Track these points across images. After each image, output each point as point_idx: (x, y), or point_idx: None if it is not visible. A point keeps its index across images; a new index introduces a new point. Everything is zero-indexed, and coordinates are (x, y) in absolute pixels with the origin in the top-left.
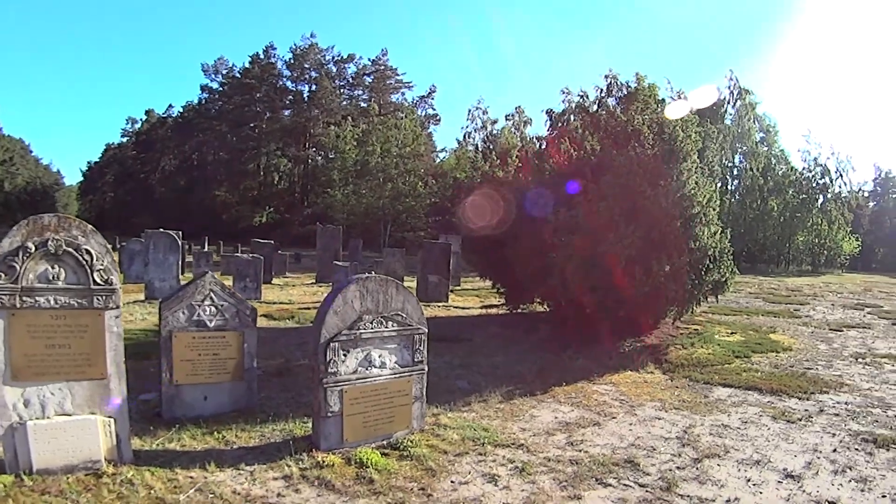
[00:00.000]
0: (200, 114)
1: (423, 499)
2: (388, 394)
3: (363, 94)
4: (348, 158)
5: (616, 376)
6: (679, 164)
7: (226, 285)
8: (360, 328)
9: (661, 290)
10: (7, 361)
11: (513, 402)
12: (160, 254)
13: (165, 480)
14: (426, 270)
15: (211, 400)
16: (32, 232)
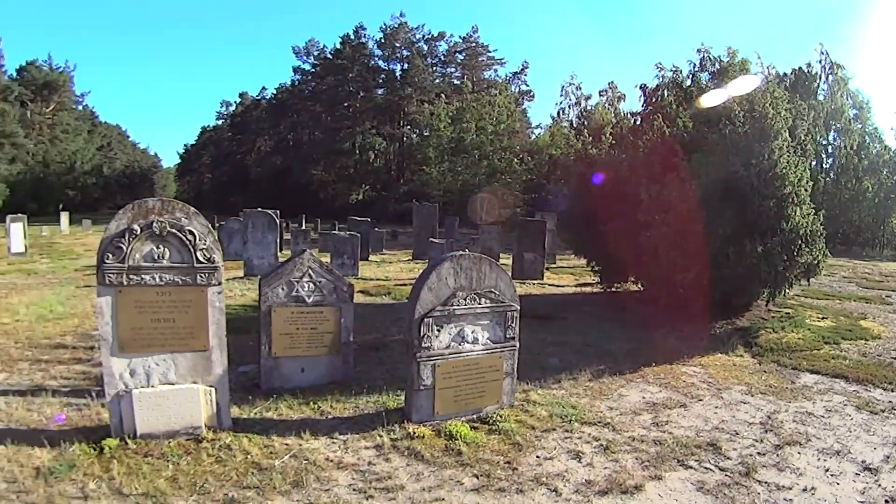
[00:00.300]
0: (294, 95)
1: (509, 472)
2: (480, 369)
3: (455, 71)
4: (443, 136)
5: (705, 358)
6: (770, 143)
7: (323, 262)
8: (453, 304)
9: (753, 271)
10: (115, 335)
11: (602, 380)
12: (258, 232)
13: (262, 446)
14: (522, 248)
15: (308, 372)
16: (138, 215)
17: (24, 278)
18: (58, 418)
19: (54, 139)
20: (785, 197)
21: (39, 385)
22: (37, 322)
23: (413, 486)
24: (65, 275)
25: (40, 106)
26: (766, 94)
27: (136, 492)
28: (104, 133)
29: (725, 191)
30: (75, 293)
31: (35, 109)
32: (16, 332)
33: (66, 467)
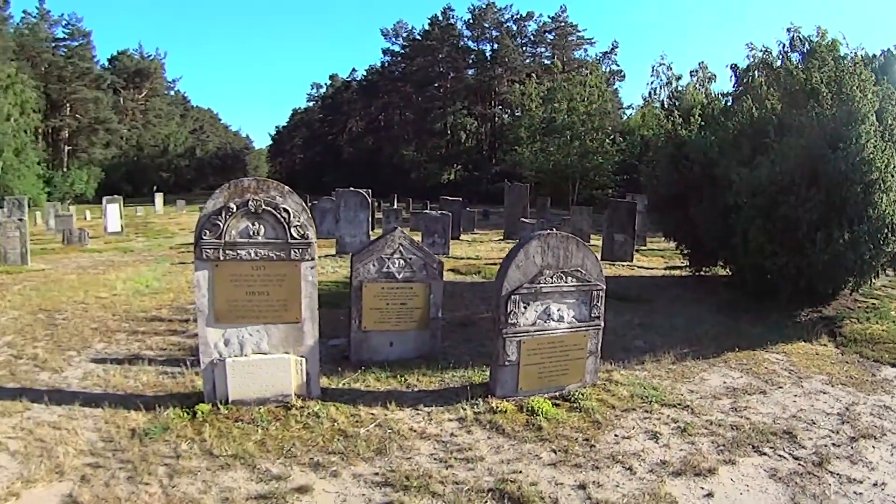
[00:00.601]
0: (384, 76)
1: (586, 448)
2: (564, 347)
3: (545, 51)
4: (535, 116)
5: (789, 346)
6: (857, 126)
7: (414, 240)
8: (540, 282)
9: (838, 258)
10: (211, 306)
11: (685, 363)
12: (351, 211)
13: (348, 415)
14: (612, 229)
15: (396, 346)
16: (234, 194)
17: (121, 256)
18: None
19: (147, 124)
20: (872, 183)
21: (136, 354)
22: (133, 296)
23: (492, 458)
24: (160, 252)
25: (133, 93)
26: (854, 77)
27: (226, 453)
28: (196, 117)
29: (813, 175)
30: (170, 269)
31: (128, 96)
32: (113, 305)
33: (161, 429)
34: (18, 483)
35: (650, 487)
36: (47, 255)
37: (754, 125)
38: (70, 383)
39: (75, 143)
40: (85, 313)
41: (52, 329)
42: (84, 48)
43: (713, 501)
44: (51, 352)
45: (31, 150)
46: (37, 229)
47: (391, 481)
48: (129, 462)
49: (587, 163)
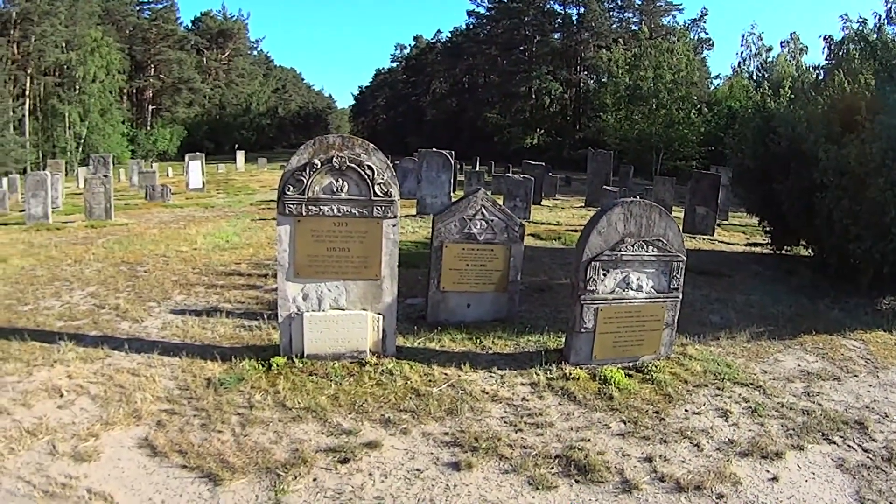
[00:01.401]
0: (469, 38)
1: (656, 421)
2: (641, 317)
3: (633, 16)
4: (620, 83)
5: (868, 334)
6: None
7: (496, 202)
8: (621, 250)
9: None
10: (291, 261)
11: (760, 342)
12: (433, 172)
13: (422, 374)
14: (694, 202)
15: (473, 308)
16: (318, 150)
17: (202, 211)
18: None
19: (230, 83)
20: None
21: (214, 307)
22: (213, 251)
23: (562, 425)
24: (240, 208)
25: (216, 53)
26: None
27: (299, 406)
28: (279, 76)
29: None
30: (250, 226)
31: (211, 56)
32: (194, 259)
33: (235, 380)
34: (98, 425)
35: (716, 466)
36: (130, 211)
37: (846, 100)
38: (149, 333)
39: (159, 103)
40: (166, 266)
41: (134, 281)
42: (168, 10)
43: (777, 486)
44: (132, 302)
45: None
46: (121, 185)
47: (460, 441)
48: (203, 410)
49: (672, 133)
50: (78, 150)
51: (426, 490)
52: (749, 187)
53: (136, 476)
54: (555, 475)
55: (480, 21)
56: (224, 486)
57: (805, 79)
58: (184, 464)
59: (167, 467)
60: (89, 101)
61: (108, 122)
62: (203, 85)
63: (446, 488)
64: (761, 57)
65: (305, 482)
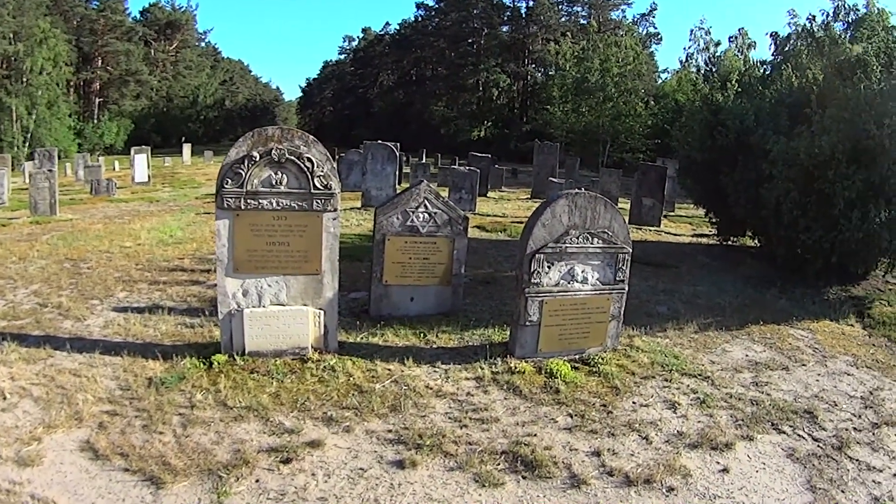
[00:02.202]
0: (417, 31)
1: (603, 415)
2: (587, 309)
3: (582, 10)
4: (567, 76)
5: (815, 323)
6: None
7: (440, 194)
8: (565, 242)
9: (873, 238)
10: (230, 256)
11: (708, 333)
12: (378, 164)
13: (364, 370)
14: (640, 193)
15: (417, 301)
16: (257, 142)
17: (147, 206)
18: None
19: (177, 75)
20: None
21: (157, 304)
22: (157, 246)
23: (507, 420)
24: (185, 202)
25: (164, 44)
26: None
27: (240, 405)
28: (226, 68)
29: (854, 151)
30: (195, 220)
31: (159, 48)
32: (137, 255)
33: (177, 379)
34: (41, 428)
35: (665, 458)
36: (75, 206)
37: (793, 94)
38: (92, 331)
39: (106, 95)
40: (109, 262)
41: (77, 278)
42: (116, 1)
43: (728, 477)
44: (75, 300)
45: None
46: (66, 180)
47: (404, 439)
48: (145, 411)
49: (619, 125)
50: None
51: (370, 489)
52: (696, 179)
53: (79, 480)
54: (501, 471)
55: (429, 13)
56: (166, 489)
57: (752, 73)
58: (126, 467)
59: (109, 471)
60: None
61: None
62: (151, 77)
63: (391, 487)
64: (709, 51)
65: (248, 483)
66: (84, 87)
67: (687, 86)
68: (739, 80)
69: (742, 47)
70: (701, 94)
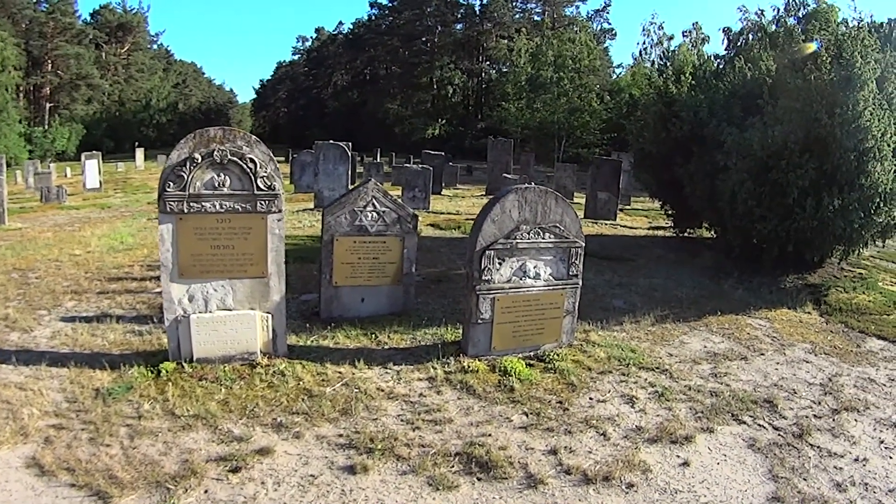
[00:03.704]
0: (371, 29)
1: (559, 412)
2: (540, 305)
3: (536, 7)
4: (522, 72)
5: (772, 312)
6: (856, 92)
7: (388, 193)
8: (516, 238)
9: (827, 225)
10: (175, 261)
11: (665, 325)
12: (330, 164)
13: (315, 374)
14: (595, 187)
15: (368, 302)
16: (199, 144)
17: (99, 212)
18: None
19: (129, 79)
20: (866, 151)
21: (105, 312)
22: (107, 253)
23: (461, 420)
24: (137, 208)
25: (115, 47)
26: (856, 41)
27: (188, 413)
28: (179, 71)
29: (807, 140)
30: (146, 225)
31: (110, 51)
32: (87, 262)
33: (124, 389)
34: None
35: (624, 454)
36: (25, 214)
37: (747, 86)
38: (38, 343)
39: (57, 100)
40: (58, 271)
41: (25, 288)
42: (66, 3)
43: (689, 471)
44: (22, 311)
45: (13, 108)
46: (17, 188)
47: (355, 443)
48: (91, 423)
49: (574, 120)
50: None
51: (321, 497)
52: (652, 172)
53: (24, 499)
54: (455, 474)
55: (383, 12)
56: (113, 503)
57: (707, 66)
58: (72, 482)
59: (55, 486)
60: None
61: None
62: (102, 81)
63: (342, 493)
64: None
65: (197, 494)
66: (34, 91)
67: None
68: (693, 73)
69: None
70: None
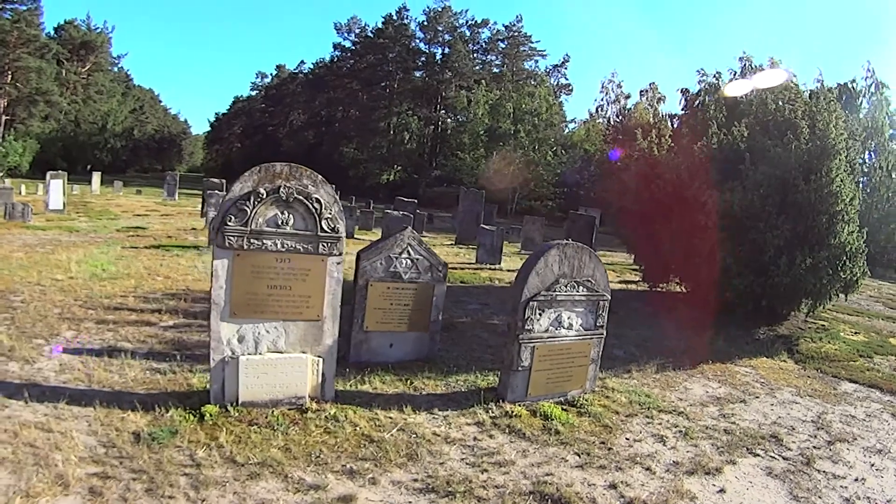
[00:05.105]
0: (332, 71)
1: (605, 451)
2: (571, 354)
3: (496, 59)
4: (479, 123)
5: (754, 361)
6: (829, 161)
7: (422, 241)
8: (556, 290)
9: (800, 282)
10: (228, 299)
11: (666, 373)
12: None
13: (367, 419)
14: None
15: (396, 347)
16: (264, 179)
17: (68, 235)
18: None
19: (88, 99)
20: (836, 214)
21: (112, 346)
22: (91, 280)
23: (522, 462)
24: (107, 234)
25: (76, 65)
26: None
27: (251, 461)
28: (137, 96)
29: (783, 203)
30: (123, 254)
31: (71, 69)
32: (73, 289)
33: (168, 433)
34: (18, 499)
35: (671, 486)
36: None
37: (723, 151)
38: (47, 376)
39: (13, 114)
40: (44, 296)
41: (11, 312)
42: (32, 14)
43: (727, 496)
44: (16, 339)
45: None
46: None
47: (434, 487)
48: (142, 472)
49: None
50: None
51: None
52: (631, 228)
53: None
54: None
55: (345, 55)
56: None
57: (662, 126)
58: None
59: None
60: None
61: None
62: (61, 99)
63: None
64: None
65: None
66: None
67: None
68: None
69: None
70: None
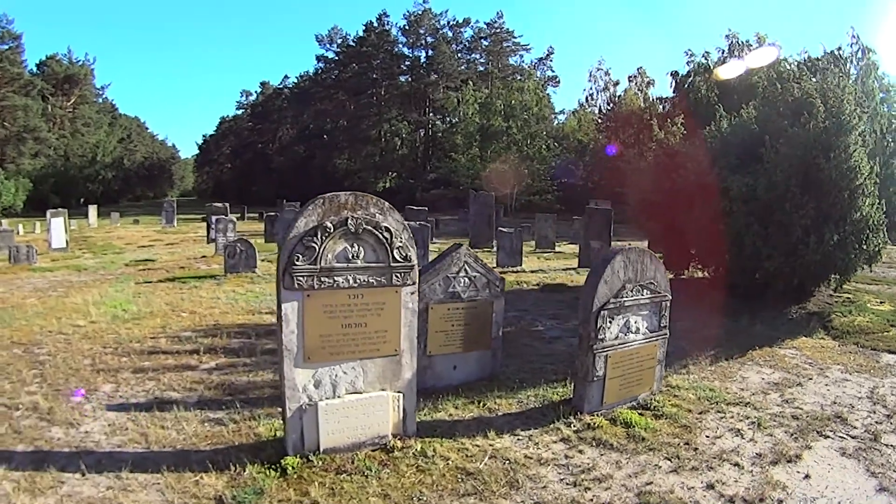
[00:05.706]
0: (317, 83)
1: (692, 452)
2: (640, 358)
3: (481, 57)
4: (471, 123)
5: (796, 341)
6: (846, 137)
7: (478, 257)
8: (623, 296)
9: (829, 258)
10: (301, 344)
11: (720, 364)
12: None
13: (455, 450)
14: (588, 236)
15: (459, 369)
16: (329, 211)
17: (77, 275)
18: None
19: (76, 132)
20: (856, 188)
21: (158, 398)
22: (114, 323)
23: (619, 474)
24: (116, 270)
25: (61, 100)
26: (840, 90)
27: None
28: (124, 125)
29: (805, 182)
30: (139, 290)
31: (56, 103)
32: (98, 335)
33: (253, 494)
34: None
35: (762, 478)
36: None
37: (738, 135)
38: (98, 441)
39: (3, 153)
40: (69, 346)
41: (39, 367)
42: (14, 52)
43: (813, 481)
44: (51, 398)
45: None
46: None
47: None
48: None
49: (525, 168)
50: None
51: None
52: (654, 219)
53: None
54: None
55: (329, 66)
56: None
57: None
58: None
59: None
60: None
61: None
62: (49, 134)
63: None
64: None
65: None
66: None
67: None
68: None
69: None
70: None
